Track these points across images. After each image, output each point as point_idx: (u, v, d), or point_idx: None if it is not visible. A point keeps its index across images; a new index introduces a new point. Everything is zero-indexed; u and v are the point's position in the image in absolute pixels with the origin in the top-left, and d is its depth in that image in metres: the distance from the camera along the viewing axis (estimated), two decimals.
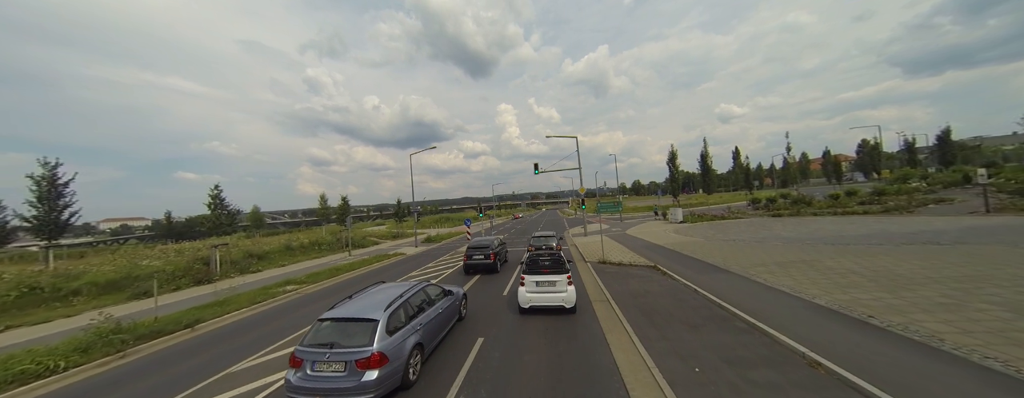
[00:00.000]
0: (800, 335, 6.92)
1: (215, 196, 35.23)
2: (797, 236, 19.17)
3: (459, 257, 23.83)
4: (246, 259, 24.77)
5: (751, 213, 36.32)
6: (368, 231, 53.55)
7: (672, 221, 36.08)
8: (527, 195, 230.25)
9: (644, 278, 13.47)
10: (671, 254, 17.85)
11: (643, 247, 21.18)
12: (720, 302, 9.46)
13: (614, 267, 16.27)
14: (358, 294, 7.87)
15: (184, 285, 18.82)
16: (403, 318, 6.93)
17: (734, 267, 13.20)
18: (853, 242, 15.88)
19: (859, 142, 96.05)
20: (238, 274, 21.93)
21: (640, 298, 10.92)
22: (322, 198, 52.95)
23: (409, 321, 7.04)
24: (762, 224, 27.23)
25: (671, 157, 48.91)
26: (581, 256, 20.04)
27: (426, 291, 8.43)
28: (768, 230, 23.02)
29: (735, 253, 15.94)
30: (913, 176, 40.56)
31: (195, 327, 11.18)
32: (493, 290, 13.69)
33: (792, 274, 11.40)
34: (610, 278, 13.90)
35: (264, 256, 27.12)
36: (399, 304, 7.02)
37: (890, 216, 24.68)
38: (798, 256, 13.96)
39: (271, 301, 14.41)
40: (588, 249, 22.00)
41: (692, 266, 14.43)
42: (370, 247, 38.39)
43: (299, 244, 32.26)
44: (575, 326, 9.14)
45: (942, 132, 49.65)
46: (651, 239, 24.35)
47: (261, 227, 68.11)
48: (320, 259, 28.77)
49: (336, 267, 21.39)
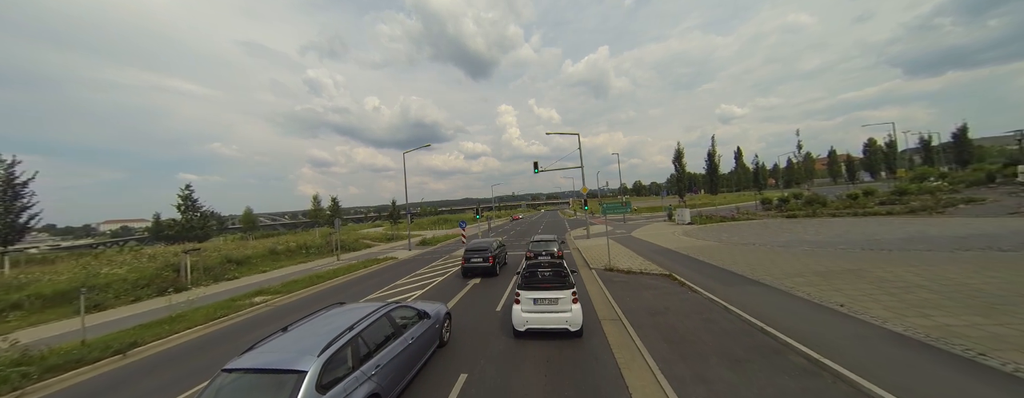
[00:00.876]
0: (896, 383, 5.08)
1: (185, 197, 32.62)
2: (824, 240, 17.34)
3: (454, 262, 22.08)
4: (224, 265, 22.98)
5: (762, 214, 34.48)
6: (362, 233, 51.76)
7: (679, 222, 34.26)
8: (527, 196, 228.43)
9: (660, 290, 11.66)
10: (685, 260, 16.03)
11: (652, 251, 19.37)
12: (763, 326, 7.63)
13: (623, 275, 14.46)
14: (298, 323, 6.03)
15: (146, 295, 17.03)
16: (350, 362, 5.10)
17: (765, 277, 11.38)
18: (895, 247, 14.04)
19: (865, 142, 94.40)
20: (211, 282, 20.13)
21: (659, 317, 9.10)
22: (314, 199, 51.13)
23: (361, 363, 5.23)
24: (778, 226, 25.40)
25: (677, 155, 46.97)
26: (585, 262, 18.22)
27: (391, 317, 6.62)
28: (788, 233, 21.18)
29: (760, 260, 14.12)
30: (931, 175, 38.70)
31: (127, 353, 9.37)
32: (485, 303, 11.87)
33: (840, 287, 9.57)
34: (620, 289, 12.09)
35: (245, 261, 25.33)
36: (345, 342, 5.17)
37: (919, 217, 22.83)
38: (838, 264, 12.13)
39: (232, 316, 12.61)
40: (592, 253, 20.18)
41: (714, 275, 12.61)
42: (362, 250, 36.61)
43: (285, 248, 30.48)
44: (582, 355, 7.34)
45: (958, 130, 47.76)
46: (660, 242, 22.53)
47: (254, 229, 66.45)
48: (305, 264, 26.99)
49: (317, 274, 19.59)
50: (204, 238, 29.81)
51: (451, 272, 18.36)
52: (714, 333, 7.78)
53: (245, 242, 35.02)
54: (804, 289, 9.73)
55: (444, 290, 14.39)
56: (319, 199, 52.03)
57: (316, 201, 51.72)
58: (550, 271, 9.20)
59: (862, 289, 9.23)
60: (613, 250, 20.20)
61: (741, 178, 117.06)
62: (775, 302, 9.13)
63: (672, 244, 21.14)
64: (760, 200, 38.92)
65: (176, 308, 12.74)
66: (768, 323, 7.72)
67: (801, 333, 7.06)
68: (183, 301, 13.34)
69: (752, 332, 7.64)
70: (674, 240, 22.93)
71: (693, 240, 22.07)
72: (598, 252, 20.46)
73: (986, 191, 30.54)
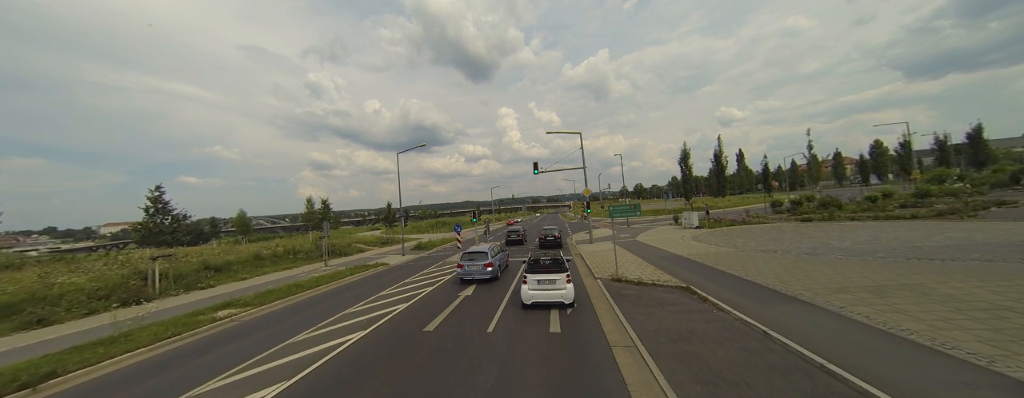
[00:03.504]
0: None
1: (155, 199, 29.76)
2: (855, 247, 15.68)
3: (447, 269, 20.45)
4: (199, 272, 21.36)
5: (773, 217, 32.83)
6: (357, 237, 50.15)
7: (686, 226, 32.61)
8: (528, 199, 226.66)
9: (679, 307, 10.01)
10: (701, 269, 14.39)
11: (662, 259, 17.72)
12: (824, 363, 5.98)
13: (633, 287, 12.82)
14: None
15: (104, 307, 15.41)
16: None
17: (802, 292, 9.74)
18: (945, 256, 12.39)
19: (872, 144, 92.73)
20: (183, 291, 18.50)
21: (683, 344, 7.46)
22: (309, 202, 49.54)
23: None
24: (795, 231, 23.75)
25: (683, 156, 45.24)
26: (589, 270, 16.57)
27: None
28: (809, 238, 19.52)
29: (790, 270, 12.47)
30: (949, 176, 37.02)
31: (38, 388, 7.74)
32: (475, 321, 10.21)
33: (904, 308, 7.93)
34: (632, 305, 10.46)
35: (225, 268, 23.71)
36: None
37: (949, 221, 21.17)
38: (887, 277, 10.48)
39: (187, 335, 10.98)
40: (597, 260, 18.54)
41: (739, 289, 10.97)
42: (354, 255, 34.99)
43: (271, 253, 28.87)
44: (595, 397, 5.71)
45: (973, 131, 46.06)
46: (669, 248, 20.88)
47: (249, 232, 64.84)
48: (291, 271, 25.37)
49: (297, 283, 17.95)
50: (174, 243, 27.85)
51: (442, 281, 16.73)
52: (759, 370, 6.13)
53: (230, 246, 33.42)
54: (857, 309, 8.08)
55: (432, 303, 12.75)
56: (313, 201, 50.22)
57: (310, 204, 50.02)
58: (550, 259, 11.75)
59: (933, 311, 7.59)
60: (620, 257, 18.57)
61: (744, 180, 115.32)
62: (827, 326, 7.48)
63: (683, 250, 19.49)
64: (770, 203, 37.27)
65: (122, 325, 11.13)
66: (828, 358, 6.08)
67: (880, 376, 5.41)
68: (132, 317, 11.73)
69: (810, 370, 5.98)
70: (684, 246, 21.28)
71: (705, 246, 20.41)
72: (603, 259, 18.82)
73: (1012, 193, 28.88)
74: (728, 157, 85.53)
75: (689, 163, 46.08)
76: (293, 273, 23.92)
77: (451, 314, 11.18)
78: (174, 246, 26.57)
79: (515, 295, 12.94)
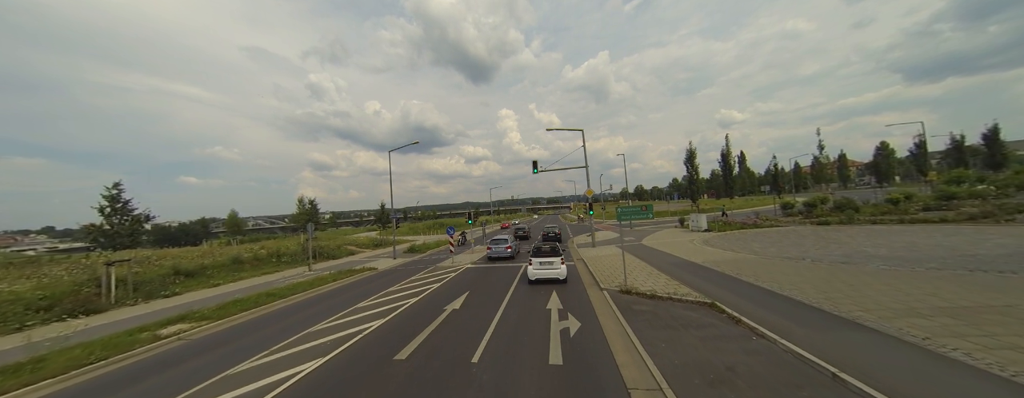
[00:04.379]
0: None
1: (112, 198, 25.84)
2: (894, 254, 13.89)
3: (438, 275, 18.67)
4: (166, 278, 19.53)
5: (785, 220, 31.05)
6: (349, 239, 48.40)
7: (694, 229, 30.84)
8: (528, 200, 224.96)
9: (707, 330, 8.21)
10: (722, 279, 12.60)
11: (674, 265, 15.93)
12: None
13: (647, 301, 11.02)
14: None
15: (44, 320, 13.57)
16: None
17: (861, 315, 7.94)
18: (1016, 267, 10.61)
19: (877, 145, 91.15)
20: (142, 300, 16.67)
21: (726, 390, 5.66)
22: (300, 202, 47.77)
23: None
24: (814, 234, 21.97)
25: (689, 156, 43.36)
26: (593, 279, 14.76)
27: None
28: (837, 243, 17.73)
29: (830, 282, 10.68)
30: (967, 178, 35.23)
31: None
32: (459, 348, 8.41)
33: (1010, 341, 6.13)
34: (648, 327, 8.66)
35: (198, 273, 21.89)
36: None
37: (983, 225, 19.41)
38: (962, 295, 8.67)
39: (114, 360, 9.15)
40: (602, 267, 16.74)
41: (777, 307, 9.17)
42: (343, 258, 33.22)
43: (252, 256, 27.06)
44: None
45: (989, 131, 44.29)
46: (679, 253, 19.09)
47: (240, 233, 63.01)
48: (271, 276, 23.56)
49: (270, 291, 16.14)
50: (134, 246, 25.64)
51: (429, 291, 14.94)
52: None
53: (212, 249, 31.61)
54: (947, 342, 6.27)
55: (413, 319, 10.94)
56: (304, 201, 48.40)
57: (302, 204, 48.22)
58: (549, 248, 14.95)
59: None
60: (627, 263, 16.80)
61: (746, 182, 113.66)
62: (923, 370, 5.64)
63: (695, 256, 17.70)
64: (781, 204, 35.50)
65: (38, 347, 9.33)
66: None
67: None
68: (56, 336, 9.93)
69: None
70: (695, 251, 19.50)
71: (719, 251, 18.63)
72: (608, 265, 17.03)
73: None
74: (734, 158, 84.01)
75: (695, 163, 44.21)
76: (272, 279, 22.11)
77: (432, 335, 9.36)
78: (135, 249, 24.37)
79: (508, 311, 11.16)
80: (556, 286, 14.25)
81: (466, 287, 15.27)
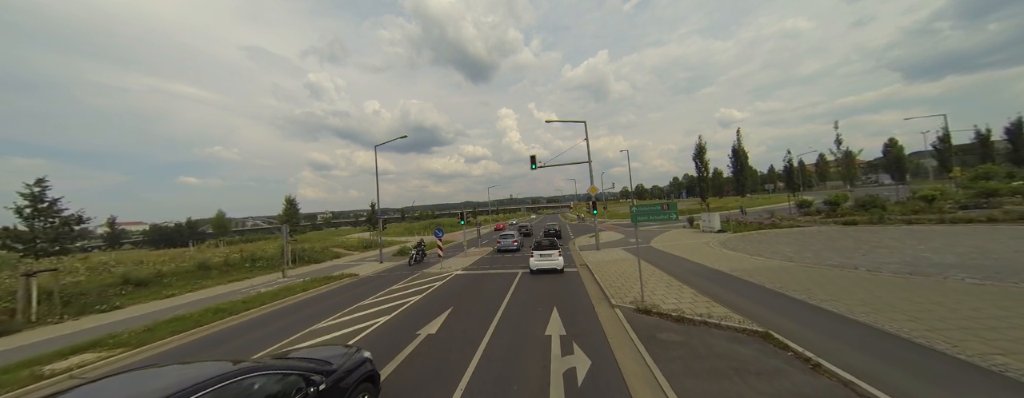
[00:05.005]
0: None
1: (34, 196, 21.42)
2: (968, 262, 11.48)
3: (423, 284, 16.27)
4: (112, 288, 17.12)
5: (804, 220, 28.68)
6: (338, 240, 45.95)
7: (706, 229, 28.44)
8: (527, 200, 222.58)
9: (776, 381, 5.79)
10: (764, 295, 10.21)
11: (696, 274, 13.53)
12: None
13: (673, 325, 8.62)
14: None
15: None
16: None
17: (1004, 363, 5.54)
18: None
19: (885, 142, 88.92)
20: (72, 316, 14.25)
21: None
22: (287, 200, 45.30)
23: None
24: (849, 236, 19.58)
25: (698, 151, 40.90)
26: (601, 291, 12.34)
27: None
28: (884, 248, 15.34)
29: (918, 303, 8.27)
30: (997, 173, 32.88)
31: None
32: (440, 377, 6.02)
33: None
34: (685, 371, 6.25)
35: (153, 281, 19.48)
36: None
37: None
38: None
39: None
40: (609, 275, 14.32)
41: (858, 339, 6.78)
42: (326, 262, 30.78)
43: (222, 261, 24.64)
44: None
45: (1012, 125, 41.88)
46: (697, 258, 16.69)
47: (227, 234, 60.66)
48: (239, 283, 21.17)
49: (220, 306, 13.70)
50: (64, 252, 22.73)
51: (407, 305, 12.54)
52: None
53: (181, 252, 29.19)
54: None
55: (377, 346, 8.52)
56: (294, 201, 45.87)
57: (289, 203, 45.70)
58: (548, 242, 17.65)
59: None
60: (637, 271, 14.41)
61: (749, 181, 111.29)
62: None
63: (718, 262, 15.30)
64: (797, 203, 33.12)
65: None
66: None
67: None
68: None
69: None
70: (715, 255, 17.10)
71: (745, 256, 16.24)
72: (617, 273, 14.62)
73: None
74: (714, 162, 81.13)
75: (705, 159, 41.67)
76: (239, 287, 19.71)
77: (393, 377, 6.94)
78: (61, 255, 21.56)
79: (497, 337, 8.76)
80: (557, 299, 11.88)
81: (450, 301, 12.88)
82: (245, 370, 3.64)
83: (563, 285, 14.40)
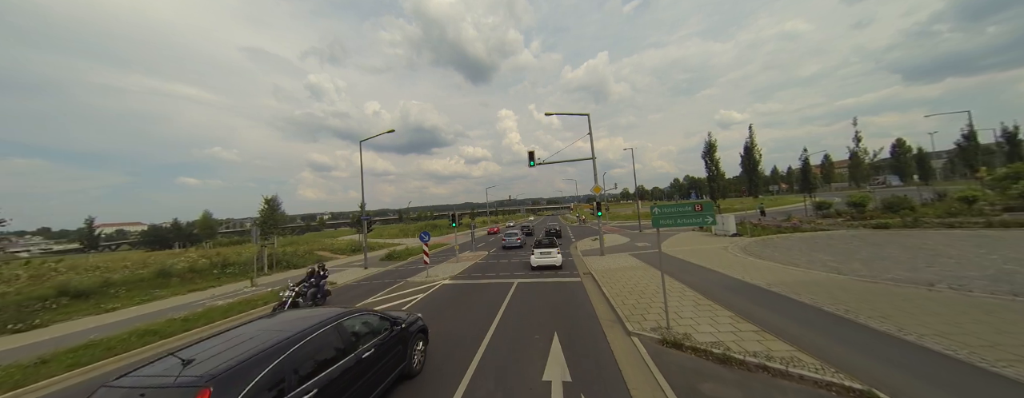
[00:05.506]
0: None
1: None
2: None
3: (402, 297, 13.88)
4: (41, 301, 14.74)
5: (826, 222, 26.35)
6: (327, 243, 43.55)
7: (720, 233, 26.08)
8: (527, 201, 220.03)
9: None
10: (827, 321, 7.86)
11: (728, 289, 11.18)
12: None
13: (716, 368, 6.27)
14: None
15: None
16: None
17: None
18: None
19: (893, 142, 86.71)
20: None
21: None
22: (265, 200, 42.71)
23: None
24: (891, 241, 17.28)
25: (708, 149, 38.46)
26: (612, 310, 9.97)
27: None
28: (943, 256, 13.01)
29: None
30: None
31: None
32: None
33: None
34: None
35: (97, 292, 17.09)
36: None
37: None
38: None
39: None
40: (620, 288, 11.95)
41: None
42: (308, 267, 28.38)
43: (185, 267, 22.26)
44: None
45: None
46: (721, 267, 14.35)
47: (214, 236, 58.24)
48: (201, 293, 18.80)
49: (150, 327, 11.33)
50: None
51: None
52: None
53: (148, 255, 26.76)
54: None
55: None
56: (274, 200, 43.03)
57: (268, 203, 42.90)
58: (548, 240, 19.65)
59: None
60: (653, 283, 12.06)
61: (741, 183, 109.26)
62: None
63: (747, 273, 12.96)
64: (816, 204, 30.82)
65: None
66: None
67: None
68: None
69: None
70: (739, 264, 14.77)
71: (777, 266, 13.90)
72: (629, 286, 12.25)
73: None
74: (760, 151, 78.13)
75: (715, 157, 39.18)
76: (195, 299, 17.34)
77: None
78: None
79: (479, 379, 6.40)
80: (559, 320, 9.57)
81: (429, 322, 10.53)
82: (356, 311, 5.82)
83: (565, 299, 12.09)
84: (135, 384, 3.43)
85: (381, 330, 5.89)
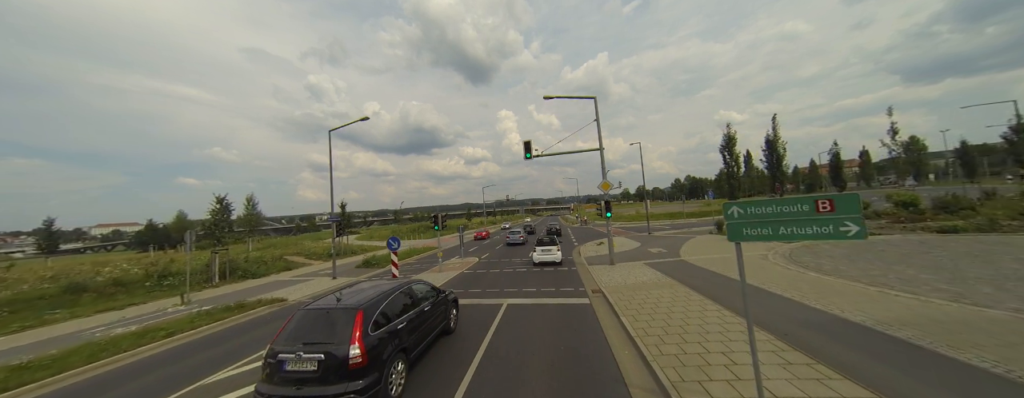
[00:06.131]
0: None
1: None
2: None
3: None
4: None
5: (873, 226, 22.70)
6: (304, 247, 39.80)
7: None
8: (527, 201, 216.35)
9: None
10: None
11: (805, 325, 7.48)
12: None
13: None
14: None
15: None
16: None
17: None
18: None
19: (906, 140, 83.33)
20: None
21: None
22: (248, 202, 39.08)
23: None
24: (989, 251, 13.64)
25: (727, 142, 34.50)
26: (645, 364, 6.25)
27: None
28: None
29: None
30: None
31: None
32: None
33: None
34: None
35: None
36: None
37: None
38: None
39: None
40: (645, 318, 8.20)
41: None
42: (269, 276, 24.61)
43: (109, 279, 18.48)
44: None
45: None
46: (775, 287, 10.65)
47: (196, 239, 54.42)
48: (109, 314, 15.05)
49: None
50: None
51: None
52: None
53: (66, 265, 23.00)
54: None
55: None
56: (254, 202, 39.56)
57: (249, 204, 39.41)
58: (548, 239, 20.16)
59: None
60: (693, 312, 8.34)
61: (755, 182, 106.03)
62: None
63: (821, 298, 9.25)
64: None
65: None
66: None
67: None
68: None
69: None
70: (800, 282, 11.08)
71: (851, 283, 10.24)
72: (656, 313, 8.46)
73: None
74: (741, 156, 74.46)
75: (734, 151, 35.30)
76: (94, 324, 13.57)
77: None
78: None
79: None
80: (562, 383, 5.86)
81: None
82: (412, 281, 8.18)
83: (573, 334, 8.48)
84: (321, 306, 6.18)
85: (432, 295, 8.34)
